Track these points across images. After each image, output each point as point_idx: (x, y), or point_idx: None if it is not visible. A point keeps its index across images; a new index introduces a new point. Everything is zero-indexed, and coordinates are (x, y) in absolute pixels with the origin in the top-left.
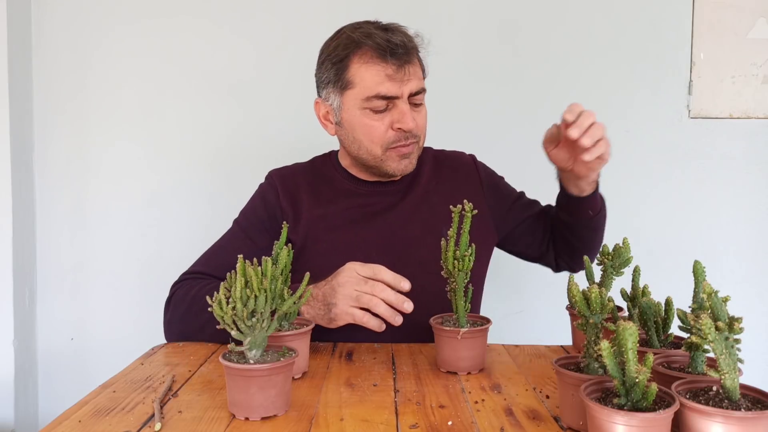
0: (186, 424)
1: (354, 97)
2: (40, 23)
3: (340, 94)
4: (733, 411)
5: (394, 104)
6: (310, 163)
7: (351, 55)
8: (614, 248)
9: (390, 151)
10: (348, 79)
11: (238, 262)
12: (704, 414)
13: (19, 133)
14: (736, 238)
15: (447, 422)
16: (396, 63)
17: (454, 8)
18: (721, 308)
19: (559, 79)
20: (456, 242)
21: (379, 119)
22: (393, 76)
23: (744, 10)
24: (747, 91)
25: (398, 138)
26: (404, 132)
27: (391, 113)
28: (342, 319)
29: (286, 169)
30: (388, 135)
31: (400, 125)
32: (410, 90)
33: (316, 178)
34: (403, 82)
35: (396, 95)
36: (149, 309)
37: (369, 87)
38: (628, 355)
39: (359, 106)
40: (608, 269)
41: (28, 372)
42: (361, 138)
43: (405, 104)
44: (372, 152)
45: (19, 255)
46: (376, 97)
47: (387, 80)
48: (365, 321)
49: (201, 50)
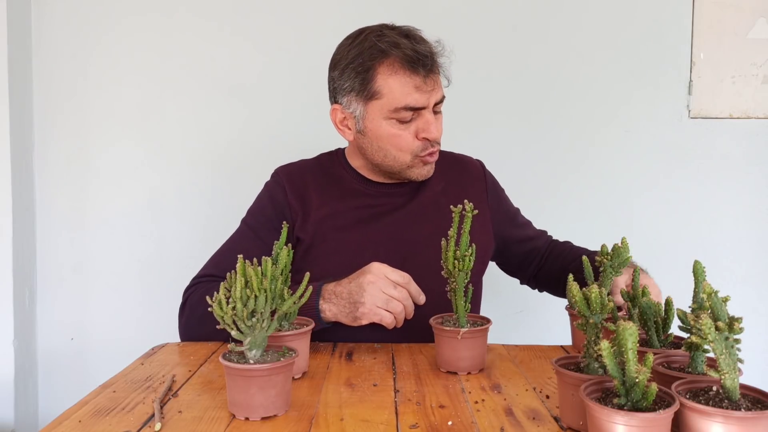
0: (186, 424)
1: (380, 107)
2: (40, 23)
3: (364, 104)
4: (733, 411)
5: (419, 114)
6: (317, 161)
7: (377, 65)
8: (613, 248)
9: (417, 159)
10: (375, 90)
11: (237, 262)
12: (704, 414)
13: (19, 133)
14: (736, 238)
15: (447, 422)
16: (423, 74)
17: (453, 9)
18: (721, 308)
19: (559, 80)
20: (456, 242)
21: (405, 129)
22: (420, 87)
23: (744, 10)
24: (747, 91)
25: (425, 147)
26: (429, 141)
27: (416, 122)
28: (368, 318)
29: (292, 166)
30: (415, 144)
31: (426, 135)
32: (435, 100)
33: (324, 176)
34: (430, 93)
35: (424, 106)
36: (149, 309)
37: (397, 98)
38: (628, 355)
39: (386, 116)
40: (607, 269)
41: (28, 372)
42: (387, 147)
43: (431, 114)
44: (399, 160)
45: (19, 255)
46: (405, 109)
47: (415, 91)
48: (388, 323)
49: (201, 50)
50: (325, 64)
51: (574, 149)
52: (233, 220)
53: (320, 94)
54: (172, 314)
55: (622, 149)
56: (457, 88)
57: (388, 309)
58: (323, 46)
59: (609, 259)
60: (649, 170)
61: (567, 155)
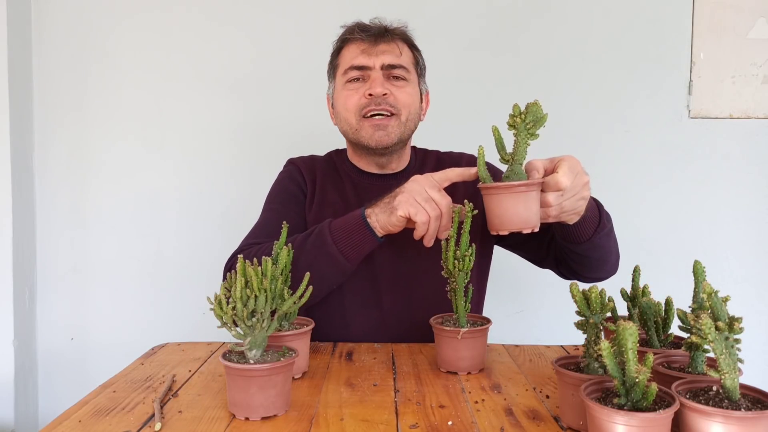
0: (186, 424)
1: (339, 75)
2: (40, 23)
3: (333, 79)
4: (733, 411)
5: (368, 76)
6: (326, 156)
7: (342, 44)
8: (526, 106)
9: (364, 121)
10: (336, 63)
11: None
12: (704, 414)
13: (19, 133)
14: (736, 238)
15: (447, 422)
16: (370, 39)
17: (452, 9)
18: (721, 308)
19: (560, 80)
20: (456, 242)
21: (354, 89)
22: (367, 50)
23: (744, 10)
24: (747, 91)
25: (369, 103)
26: (374, 98)
27: (366, 84)
28: (404, 207)
29: (304, 157)
30: (360, 102)
31: (370, 90)
32: (383, 62)
33: (329, 168)
34: (375, 55)
35: (367, 65)
36: (149, 309)
37: (347, 61)
38: (628, 355)
39: (342, 82)
40: (521, 130)
41: (28, 372)
42: (340, 110)
43: (376, 73)
44: (349, 122)
45: (19, 255)
46: (351, 68)
47: (361, 54)
48: (422, 221)
49: (202, 49)
50: (325, 62)
51: (574, 149)
52: (233, 219)
53: (320, 91)
54: (172, 314)
55: (623, 149)
56: (456, 88)
57: (425, 207)
58: (323, 44)
59: (522, 119)
60: (649, 170)
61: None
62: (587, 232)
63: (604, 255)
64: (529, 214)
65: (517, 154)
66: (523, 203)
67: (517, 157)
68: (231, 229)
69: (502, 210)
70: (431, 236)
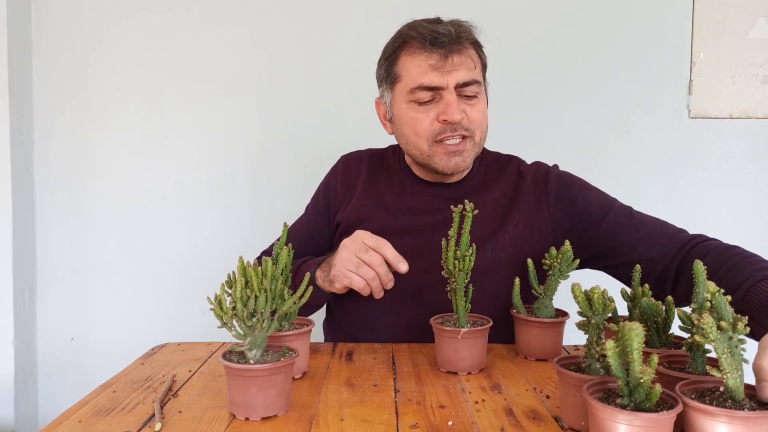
0: (186, 424)
1: (401, 90)
2: (40, 23)
3: (391, 90)
4: (737, 411)
5: (440, 96)
6: (383, 151)
7: (400, 50)
8: (560, 250)
9: (437, 146)
10: (396, 73)
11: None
12: (708, 414)
13: (19, 133)
14: (736, 238)
15: (447, 422)
16: (440, 52)
17: (451, 9)
18: (724, 307)
19: (559, 80)
20: (456, 242)
21: (424, 111)
22: (437, 66)
23: (744, 10)
24: (747, 91)
25: (443, 129)
26: (450, 124)
27: (438, 105)
28: (339, 280)
29: (355, 154)
30: (433, 127)
31: (446, 116)
32: (457, 80)
33: (380, 167)
34: (449, 72)
35: (440, 86)
36: (149, 309)
37: (413, 78)
38: (633, 355)
39: (405, 99)
40: (555, 272)
41: (28, 372)
42: (407, 132)
43: (451, 95)
44: (418, 147)
45: (19, 255)
46: (420, 88)
47: (430, 70)
48: (360, 288)
49: (202, 48)
50: (329, 62)
51: (574, 149)
52: (233, 219)
53: (324, 92)
54: (172, 314)
55: (623, 149)
56: None
57: (359, 273)
58: (326, 44)
59: (558, 262)
60: (648, 170)
61: (567, 155)
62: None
63: None
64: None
65: (549, 290)
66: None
67: (548, 292)
68: (231, 229)
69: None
70: (377, 292)
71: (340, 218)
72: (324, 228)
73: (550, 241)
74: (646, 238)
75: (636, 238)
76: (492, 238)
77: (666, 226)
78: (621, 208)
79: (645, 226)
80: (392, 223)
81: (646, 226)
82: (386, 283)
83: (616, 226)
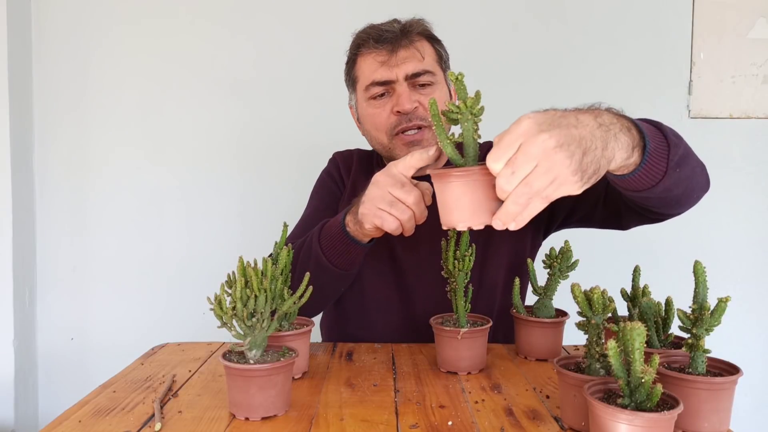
0: (186, 424)
1: (360, 90)
2: (40, 23)
3: (354, 92)
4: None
5: (393, 89)
6: (370, 152)
7: (356, 54)
8: (561, 250)
9: (396, 139)
10: (355, 75)
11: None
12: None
13: (19, 133)
14: (736, 238)
15: (447, 422)
16: (387, 48)
17: (451, 8)
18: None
19: (559, 80)
20: (456, 242)
21: (380, 106)
22: (385, 61)
23: (744, 10)
24: (747, 91)
25: (399, 121)
26: (404, 114)
27: (392, 99)
28: (369, 220)
29: (346, 151)
30: (390, 120)
31: (398, 107)
32: (405, 72)
33: (368, 165)
34: (396, 65)
35: (390, 79)
36: (149, 309)
37: (366, 76)
38: (634, 355)
39: (364, 97)
40: (555, 272)
41: (28, 372)
42: (370, 129)
43: (401, 86)
44: (380, 141)
45: (19, 255)
46: (373, 84)
47: (380, 66)
48: (392, 229)
49: (201, 50)
50: (326, 63)
51: None
52: (233, 219)
53: (321, 92)
54: (172, 314)
55: None
56: None
57: (392, 212)
58: (324, 45)
59: (558, 262)
60: None
61: None
62: (654, 174)
63: (688, 185)
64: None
65: (549, 290)
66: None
67: (548, 292)
68: (231, 229)
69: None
70: (409, 232)
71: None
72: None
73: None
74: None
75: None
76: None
77: None
78: None
79: None
80: None
81: None
82: (420, 219)
83: None
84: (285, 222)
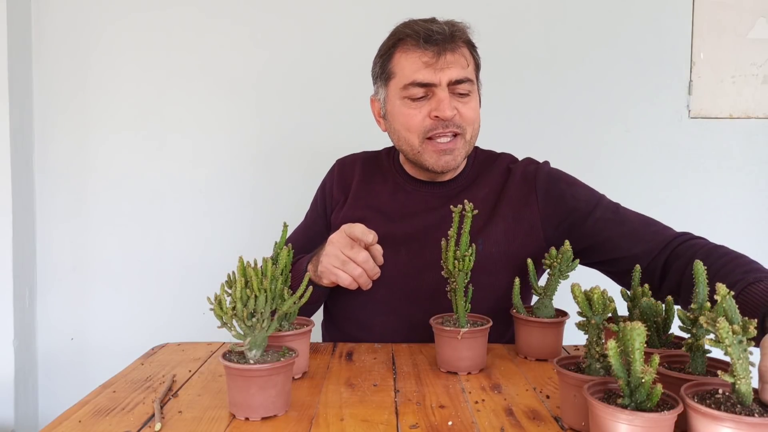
0: (186, 424)
1: (395, 86)
2: (40, 23)
3: (385, 87)
4: (745, 417)
5: (433, 92)
6: (377, 153)
7: (395, 48)
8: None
9: (427, 143)
10: (390, 70)
11: (237, 261)
12: (714, 418)
13: (19, 133)
14: (736, 237)
15: (447, 422)
16: (433, 50)
17: (452, 9)
18: (734, 311)
19: (559, 80)
20: (456, 242)
21: (416, 108)
22: (430, 63)
23: (744, 10)
24: (747, 91)
25: (435, 126)
26: (442, 120)
27: (430, 102)
28: (326, 277)
29: (349, 157)
30: (425, 123)
31: (437, 112)
32: (449, 77)
33: (374, 168)
34: (441, 70)
35: (433, 82)
36: (149, 309)
37: (406, 75)
38: (634, 355)
39: (399, 95)
40: (555, 272)
41: (28, 372)
42: (399, 128)
43: (443, 91)
44: (409, 142)
45: (19, 255)
46: (413, 85)
47: (424, 67)
48: (346, 285)
49: (202, 48)
50: (330, 61)
51: (574, 149)
52: (233, 219)
53: (324, 91)
54: (172, 314)
55: (623, 149)
56: None
57: (345, 270)
58: (327, 43)
59: (558, 262)
60: (649, 170)
61: (567, 155)
62: None
63: None
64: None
65: (549, 290)
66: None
67: (548, 292)
68: (231, 229)
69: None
70: (365, 286)
71: (335, 219)
72: (323, 230)
73: (540, 235)
74: (630, 234)
75: (620, 234)
76: (482, 233)
77: (651, 223)
78: (608, 204)
79: (629, 222)
80: (386, 221)
81: (630, 222)
82: (373, 276)
83: (601, 221)
84: (285, 222)
